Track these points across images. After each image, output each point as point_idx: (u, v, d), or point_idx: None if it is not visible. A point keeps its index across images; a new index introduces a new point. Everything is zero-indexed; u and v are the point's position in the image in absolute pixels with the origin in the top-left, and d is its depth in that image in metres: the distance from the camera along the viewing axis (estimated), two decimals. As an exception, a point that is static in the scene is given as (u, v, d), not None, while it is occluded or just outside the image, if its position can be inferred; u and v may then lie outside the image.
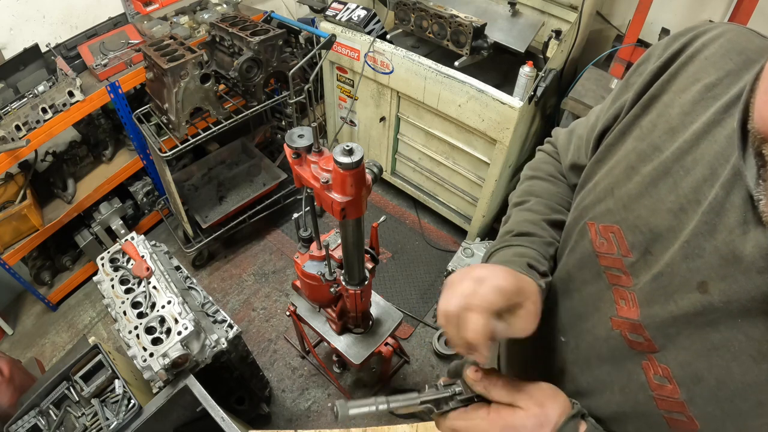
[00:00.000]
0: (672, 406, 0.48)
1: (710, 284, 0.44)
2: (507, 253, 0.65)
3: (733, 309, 0.43)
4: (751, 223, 0.42)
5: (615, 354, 0.54)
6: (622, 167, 0.55)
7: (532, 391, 0.52)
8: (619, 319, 0.53)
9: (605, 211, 0.56)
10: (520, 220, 0.71)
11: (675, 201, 0.49)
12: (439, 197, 2.63)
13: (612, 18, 2.35)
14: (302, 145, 0.93)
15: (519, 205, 0.75)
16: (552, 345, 0.64)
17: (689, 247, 0.46)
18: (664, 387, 0.48)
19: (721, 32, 0.52)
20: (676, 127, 0.51)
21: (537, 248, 0.65)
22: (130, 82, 2.15)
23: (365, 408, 0.50)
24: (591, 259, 0.57)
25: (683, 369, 0.47)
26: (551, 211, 0.71)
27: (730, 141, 0.46)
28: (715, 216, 0.45)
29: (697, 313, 0.45)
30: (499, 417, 0.50)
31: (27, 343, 2.34)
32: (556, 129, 0.82)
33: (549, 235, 0.68)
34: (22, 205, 2.00)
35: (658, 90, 0.54)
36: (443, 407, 0.53)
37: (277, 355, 2.22)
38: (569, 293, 0.62)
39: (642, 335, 0.50)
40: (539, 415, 0.50)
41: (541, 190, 0.75)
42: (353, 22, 2.23)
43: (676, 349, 0.47)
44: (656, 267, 0.49)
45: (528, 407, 0.50)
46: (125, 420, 1.19)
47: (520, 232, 0.68)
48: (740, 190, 0.43)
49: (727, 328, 0.43)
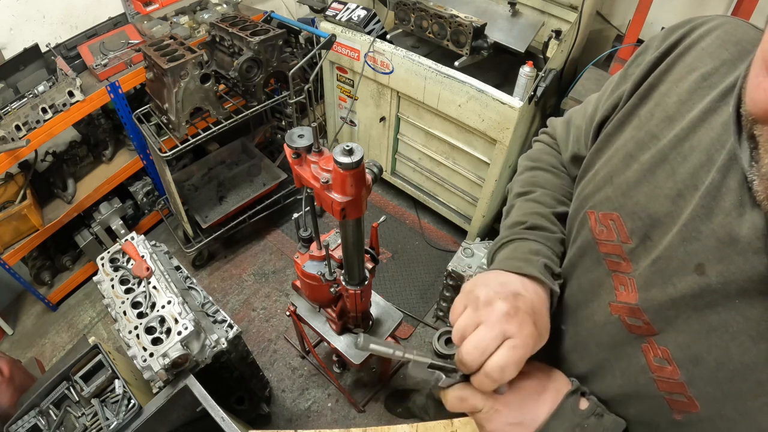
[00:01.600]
0: (672, 387, 0.48)
1: (707, 266, 0.45)
2: (522, 248, 0.63)
3: (731, 290, 0.43)
4: (747, 206, 0.43)
5: (614, 339, 0.54)
6: (621, 156, 0.56)
7: (532, 367, 0.54)
8: (617, 304, 0.53)
9: (604, 198, 0.56)
10: (529, 212, 0.69)
11: (673, 187, 0.49)
12: (439, 197, 2.63)
13: (612, 18, 2.35)
14: (302, 145, 0.93)
15: (523, 195, 0.74)
16: (552, 334, 0.64)
17: (687, 230, 0.47)
18: (664, 368, 0.49)
19: (718, 24, 0.53)
20: (673, 115, 0.52)
21: (551, 245, 0.64)
22: (130, 82, 2.15)
23: (384, 348, 0.51)
24: (591, 246, 0.57)
25: (682, 350, 0.47)
26: (557, 203, 0.71)
27: (725, 127, 0.46)
28: (712, 200, 0.45)
29: (695, 295, 0.46)
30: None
31: (27, 343, 2.34)
32: (551, 119, 0.81)
33: (560, 230, 0.68)
34: (22, 205, 2.00)
35: (655, 80, 0.55)
36: (450, 377, 0.53)
37: (277, 355, 2.22)
38: (569, 281, 0.62)
39: (641, 319, 0.51)
40: (540, 377, 0.53)
41: (545, 181, 0.75)
42: (353, 22, 2.23)
43: (675, 331, 0.48)
44: (654, 252, 0.50)
45: (528, 372, 0.52)
46: (125, 420, 1.19)
47: (533, 225, 0.67)
48: (736, 173, 0.44)
49: (725, 309, 0.44)
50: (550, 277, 0.59)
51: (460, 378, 0.53)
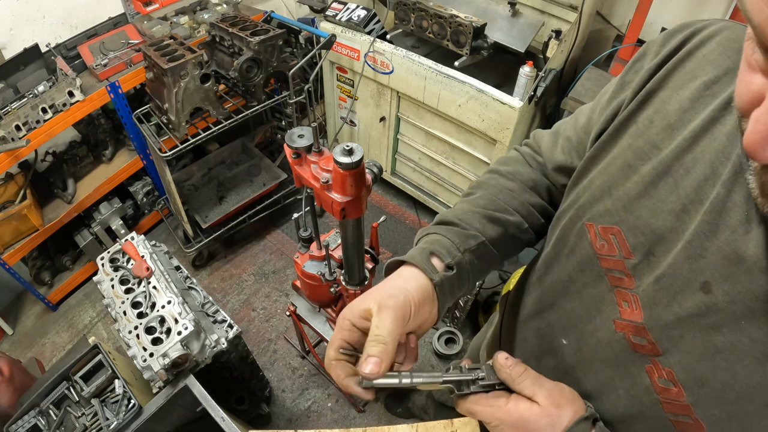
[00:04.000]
0: (678, 409, 0.47)
1: (713, 285, 0.44)
2: (423, 240, 0.65)
3: (737, 310, 0.42)
4: (753, 222, 0.42)
5: (618, 357, 0.53)
6: (619, 165, 0.55)
7: (553, 390, 0.51)
8: (622, 321, 0.52)
9: (604, 211, 0.55)
10: (453, 210, 0.70)
11: (676, 201, 0.48)
12: (439, 197, 2.63)
13: (612, 18, 2.35)
14: (302, 145, 0.93)
15: (466, 196, 0.74)
16: (553, 347, 0.64)
17: (691, 247, 0.46)
18: (669, 390, 0.48)
19: (718, 29, 0.51)
20: (675, 124, 0.50)
21: (451, 238, 0.63)
22: (130, 82, 2.15)
23: (389, 381, 0.50)
24: (591, 261, 0.56)
25: (687, 372, 0.46)
26: (493, 206, 0.69)
27: (730, 138, 0.45)
28: (717, 215, 0.44)
29: (701, 314, 0.45)
30: (516, 409, 0.50)
31: (27, 343, 2.34)
32: (537, 131, 0.80)
33: (475, 228, 0.66)
34: (22, 205, 2.00)
35: (654, 86, 0.53)
36: (464, 389, 0.53)
37: (277, 355, 2.22)
38: (569, 295, 0.61)
39: (645, 338, 0.50)
40: (553, 415, 0.50)
41: (494, 184, 0.74)
42: (353, 22, 2.23)
43: (679, 352, 0.47)
44: (659, 269, 0.49)
45: (545, 405, 0.50)
46: (125, 420, 1.19)
47: (441, 221, 0.68)
48: (741, 188, 0.43)
49: (731, 331, 0.43)
50: (433, 266, 0.60)
51: (473, 390, 0.53)
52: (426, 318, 0.58)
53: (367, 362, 0.49)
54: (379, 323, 0.51)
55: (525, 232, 0.71)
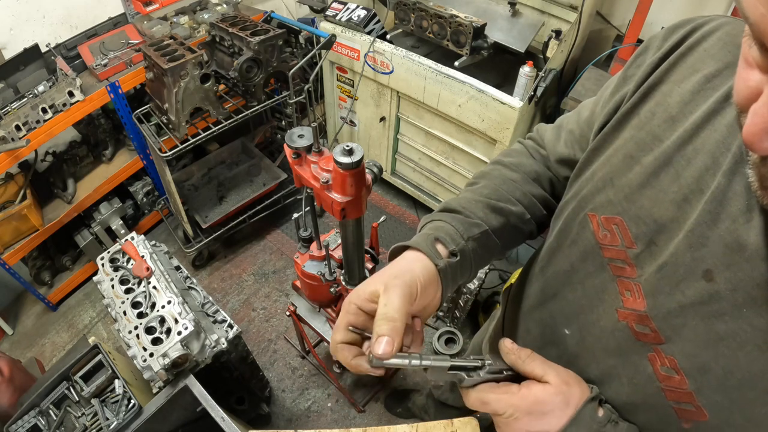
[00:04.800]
0: (680, 396, 0.48)
1: (715, 273, 0.44)
2: (427, 227, 0.65)
3: (739, 297, 0.43)
4: (754, 211, 0.42)
5: (621, 346, 0.54)
6: (621, 156, 0.55)
7: (560, 369, 0.53)
8: (625, 310, 0.53)
9: (606, 202, 0.56)
10: (457, 198, 0.70)
11: (678, 191, 0.49)
12: (439, 197, 2.63)
13: (612, 18, 2.35)
14: (302, 145, 0.93)
15: (469, 185, 0.75)
16: (555, 337, 0.64)
17: (693, 236, 0.46)
18: (672, 378, 0.49)
19: (719, 25, 0.52)
20: (676, 116, 0.51)
21: (455, 225, 0.64)
22: (130, 82, 2.15)
23: (399, 361, 0.50)
24: (594, 251, 0.57)
25: (689, 360, 0.47)
26: (496, 196, 0.70)
27: (730, 129, 0.46)
28: (718, 205, 0.45)
29: (703, 302, 0.45)
30: (530, 392, 0.51)
31: (27, 343, 2.34)
32: (540, 125, 0.81)
33: (479, 216, 0.66)
34: (22, 205, 2.00)
35: (656, 79, 0.54)
36: (472, 376, 0.53)
37: (277, 355, 2.22)
38: (572, 285, 0.61)
39: (648, 326, 0.50)
40: (566, 392, 0.51)
41: (497, 175, 0.74)
42: (353, 22, 2.23)
43: (682, 340, 0.48)
44: (661, 257, 0.49)
45: (556, 383, 0.51)
46: (125, 420, 1.19)
47: (445, 208, 0.68)
48: (742, 178, 0.43)
49: (733, 318, 0.43)
50: (436, 251, 0.60)
51: (482, 377, 0.52)
52: (430, 300, 0.59)
53: (378, 342, 0.49)
54: (387, 301, 0.51)
55: (527, 222, 0.72)
